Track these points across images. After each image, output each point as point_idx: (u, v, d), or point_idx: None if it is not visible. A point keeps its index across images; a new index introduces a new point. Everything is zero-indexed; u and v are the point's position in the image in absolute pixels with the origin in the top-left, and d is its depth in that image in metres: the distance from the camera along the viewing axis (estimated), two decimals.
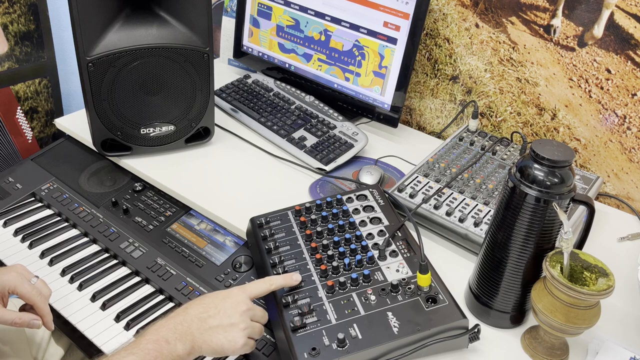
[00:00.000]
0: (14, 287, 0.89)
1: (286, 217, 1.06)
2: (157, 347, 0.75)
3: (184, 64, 1.19)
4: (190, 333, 0.78)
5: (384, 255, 0.95)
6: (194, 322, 0.79)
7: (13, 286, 0.89)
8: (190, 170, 1.26)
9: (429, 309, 0.86)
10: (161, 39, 1.16)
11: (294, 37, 1.48)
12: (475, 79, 1.38)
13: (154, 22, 1.17)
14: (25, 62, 1.61)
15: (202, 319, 0.79)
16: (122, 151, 1.26)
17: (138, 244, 1.12)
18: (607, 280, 0.80)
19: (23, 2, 1.54)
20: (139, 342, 0.76)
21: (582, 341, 0.90)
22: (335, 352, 0.81)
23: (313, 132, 1.35)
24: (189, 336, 0.77)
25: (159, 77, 1.19)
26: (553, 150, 0.80)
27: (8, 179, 1.29)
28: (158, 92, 1.21)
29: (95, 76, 1.14)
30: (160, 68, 1.17)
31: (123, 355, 0.74)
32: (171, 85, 1.21)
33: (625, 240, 1.14)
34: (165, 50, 1.16)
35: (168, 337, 0.76)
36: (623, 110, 1.20)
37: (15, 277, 0.90)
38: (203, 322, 0.79)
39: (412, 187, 1.15)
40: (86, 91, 1.15)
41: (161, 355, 0.74)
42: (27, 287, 0.90)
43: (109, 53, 1.12)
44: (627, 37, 1.14)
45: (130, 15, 1.16)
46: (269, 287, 0.87)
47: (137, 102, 1.20)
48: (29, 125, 1.70)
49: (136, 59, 1.15)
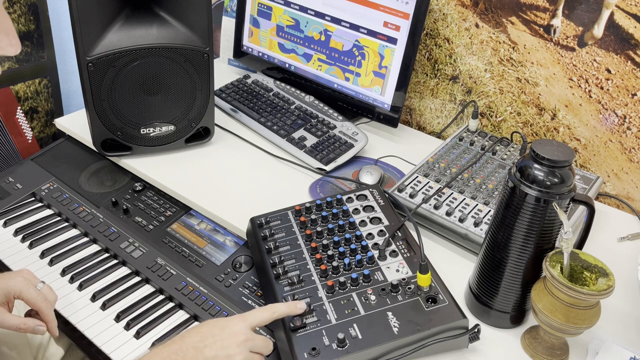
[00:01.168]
0: (19, 292, 0.89)
1: (286, 217, 1.06)
2: None
3: (184, 64, 1.19)
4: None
5: (384, 255, 0.95)
6: (189, 352, 0.76)
7: (19, 291, 0.89)
8: (190, 170, 1.26)
9: (429, 309, 0.86)
10: (161, 39, 1.16)
11: (294, 37, 1.48)
12: (475, 79, 1.38)
13: (154, 22, 1.16)
14: (25, 62, 1.61)
15: (197, 348, 0.76)
16: (122, 151, 1.26)
17: (138, 244, 1.12)
18: (607, 280, 0.80)
19: (23, 2, 1.54)
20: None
21: (582, 341, 0.90)
22: (335, 352, 0.81)
23: (313, 132, 1.35)
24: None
25: (159, 77, 1.18)
26: (553, 150, 0.80)
27: (8, 179, 1.29)
28: (158, 92, 1.21)
29: (95, 76, 1.14)
30: (160, 68, 1.17)
31: None
32: (171, 85, 1.21)
33: (625, 240, 1.14)
34: (165, 50, 1.16)
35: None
36: (623, 110, 1.20)
37: (21, 282, 0.89)
38: (199, 352, 0.76)
39: (412, 187, 1.15)
40: (86, 91, 1.15)
41: None
42: (32, 292, 0.89)
43: (109, 53, 1.12)
44: (627, 37, 1.14)
45: (130, 15, 1.16)
46: (271, 316, 0.83)
47: (137, 102, 1.20)
48: (29, 125, 1.70)
49: (136, 59, 1.15)
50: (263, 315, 0.82)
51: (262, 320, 0.82)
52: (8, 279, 0.90)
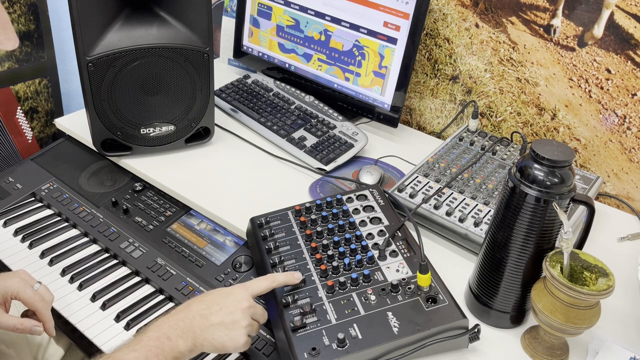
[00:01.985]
0: (16, 292, 0.89)
1: (286, 217, 1.06)
2: (159, 344, 0.75)
3: (184, 64, 1.19)
4: (192, 330, 0.78)
5: (384, 255, 0.95)
6: (195, 319, 0.79)
7: (16, 292, 0.89)
8: (190, 170, 1.26)
9: (429, 309, 0.86)
10: (161, 39, 1.16)
11: (294, 37, 1.48)
12: (475, 79, 1.38)
13: (153, 22, 1.16)
14: (25, 62, 1.61)
15: (204, 316, 0.79)
16: (122, 151, 1.26)
17: (138, 244, 1.12)
18: (607, 280, 0.80)
19: (23, 2, 1.54)
20: (141, 339, 0.76)
21: (582, 341, 0.90)
22: (335, 352, 0.81)
23: (313, 132, 1.35)
24: (190, 333, 0.78)
25: (159, 77, 1.19)
26: (553, 150, 0.80)
27: (8, 179, 1.29)
28: (158, 92, 1.21)
29: (95, 76, 1.14)
30: (160, 68, 1.17)
31: (125, 352, 0.74)
32: (171, 86, 1.21)
33: (625, 240, 1.14)
34: (165, 50, 1.16)
35: (170, 334, 0.77)
36: (623, 110, 1.20)
37: (18, 283, 0.90)
38: (205, 319, 0.79)
39: (412, 187, 1.15)
40: (86, 91, 1.15)
41: (163, 352, 0.75)
42: (29, 293, 0.90)
43: (109, 53, 1.12)
44: (627, 37, 1.14)
45: (130, 15, 1.16)
46: (270, 284, 0.87)
47: (137, 102, 1.20)
48: (29, 125, 1.70)
49: (136, 59, 1.15)
50: (263, 284, 0.86)
51: (262, 289, 0.86)
52: (5, 280, 0.90)
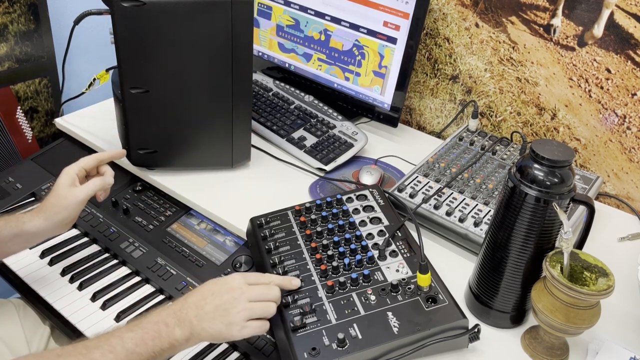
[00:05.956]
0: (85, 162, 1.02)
1: (286, 217, 1.06)
2: (156, 328, 0.78)
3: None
4: (188, 320, 0.79)
5: (384, 255, 0.95)
6: (191, 309, 0.80)
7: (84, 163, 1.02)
8: (190, 170, 1.26)
9: (429, 309, 0.86)
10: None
11: (293, 36, 1.48)
12: (475, 79, 1.38)
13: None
14: (25, 62, 1.60)
15: (199, 306, 0.81)
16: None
17: (138, 244, 1.12)
18: (607, 280, 0.80)
19: (23, 2, 1.53)
20: (140, 322, 0.79)
21: (582, 341, 0.90)
22: (335, 352, 0.81)
23: (313, 132, 1.35)
24: (187, 323, 0.79)
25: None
26: (553, 150, 0.80)
27: (8, 179, 1.29)
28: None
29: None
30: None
31: (123, 332, 0.77)
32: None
33: (625, 240, 1.14)
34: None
35: (168, 321, 0.79)
36: (623, 110, 1.19)
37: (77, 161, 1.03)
38: (200, 309, 0.80)
39: (412, 187, 1.15)
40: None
41: (159, 337, 0.77)
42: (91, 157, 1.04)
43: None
44: (627, 36, 1.14)
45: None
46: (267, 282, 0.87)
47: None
48: (29, 125, 1.70)
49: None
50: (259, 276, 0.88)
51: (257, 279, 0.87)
52: None
